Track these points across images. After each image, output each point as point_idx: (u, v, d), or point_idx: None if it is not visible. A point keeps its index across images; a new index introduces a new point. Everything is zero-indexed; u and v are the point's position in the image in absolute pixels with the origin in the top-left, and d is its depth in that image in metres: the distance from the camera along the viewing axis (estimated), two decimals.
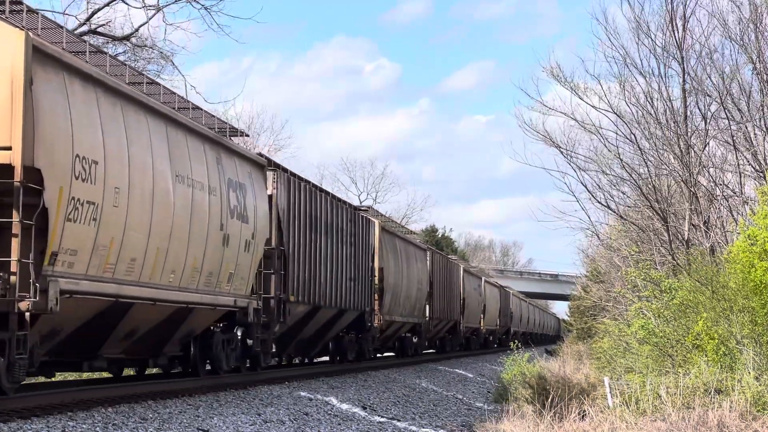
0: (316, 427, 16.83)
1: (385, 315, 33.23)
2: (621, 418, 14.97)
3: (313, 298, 25.26)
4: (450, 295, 48.21)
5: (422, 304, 40.52)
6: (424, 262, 41.56)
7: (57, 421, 13.08)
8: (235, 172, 20.02)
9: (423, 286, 40.56)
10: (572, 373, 30.53)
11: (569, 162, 27.07)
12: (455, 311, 50.00)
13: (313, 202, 25.50)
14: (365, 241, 31.44)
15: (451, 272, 49.52)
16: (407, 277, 37.18)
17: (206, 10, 32.90)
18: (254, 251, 20.84)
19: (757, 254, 17.12)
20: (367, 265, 31.64)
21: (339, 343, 30.32)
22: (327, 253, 26.64)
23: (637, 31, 24.91)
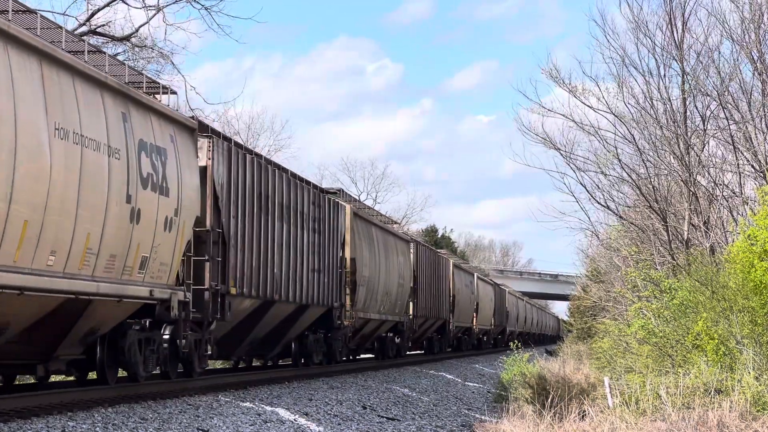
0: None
1: (358, 312, 29.84)
2: (621, 418, 14.97)
3: (263, 291, 21.67)
4: (438, 291, 45.00)
5: (405, 300, 37.24)
6: (407, 254, 38.13)
7: (57, 421, 13.08)
8: (151, 134, 16.36)
9: (406, 281, 37.26)
10: (572, 373, 30.52)
11: (568, 163, 27.12)
12: (444, 309, 46.79)
13: (264, 178, 22.00)
14: (334, 228, 27.64)
15: (440, 267, 46.10)
16: (386, 270, 33.68)
17: (206, 10, 32.92)
18: (179, 232, 17.21)
19: (757, 254, 17.12)
20: (336, 254, 27.92)
21: (303, 343, 26.32)
22: (283, 240, 23.00)
23: (636, 32, 24.94)
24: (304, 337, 26.23)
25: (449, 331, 48.45)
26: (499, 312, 69.55)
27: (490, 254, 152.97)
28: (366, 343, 34.66)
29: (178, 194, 17.15)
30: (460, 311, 51.21)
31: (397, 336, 37.35)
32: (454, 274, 49.35)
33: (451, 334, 49.47)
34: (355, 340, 31.44)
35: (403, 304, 36.73)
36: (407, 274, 37.78)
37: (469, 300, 54.87)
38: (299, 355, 26.45)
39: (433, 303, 43.45)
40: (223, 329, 20.72)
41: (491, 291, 65.69)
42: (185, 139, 17.98)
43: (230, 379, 21.19)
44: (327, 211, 26.98)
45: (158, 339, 17.57)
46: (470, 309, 55.51)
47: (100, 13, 32.41)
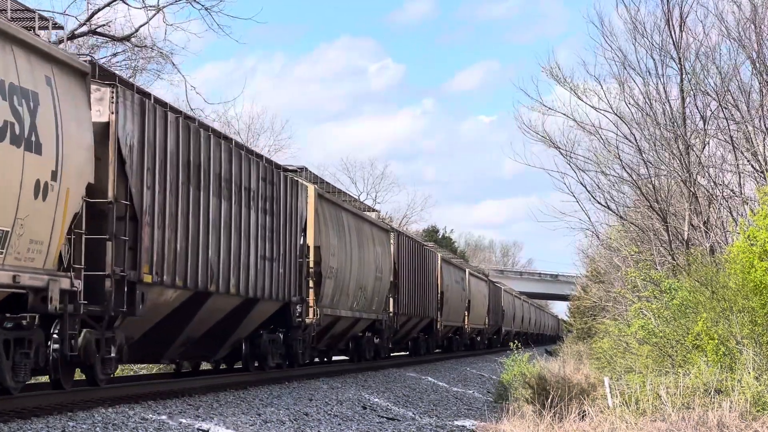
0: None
1: (325, 308, 26.14)
2: (621, 418, 14.97)
3: (193, 280, 17.66)
4: (424, 287, 41.21)
5: (384, 296, 33.48)
6: (385, 245, 34.31)
7: (57, 421, 13.08)
8: (13, 71, 12.70)
9: (384, 274, 33.49)
10: (572, 373, 30.52)
11: (569, 163, 27.14)
12: (431, 307, 42.89)
13: (196, 145, 17.97)
14: (292, 210, 23.62)
15: (426, 261, 42.30)
16: (360, 261, 29.72)
17: (206, 11, 32.93)
18: (59, 201, 13.62)
19: (757, 254, 17.12)
20: (295, 241, 23.86)
21: (256, 344, 22.67)
22: (221, 219, 19.05)
23: (633, 33, 24.94)
24: (257, 337, 22.60)
25: (437, 330, 44.89)
26: (494, 311, 66.50)
27: (490, 254, 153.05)
28: (339, 343, 30.96)
29: (56, 152, 13.46)
30: (450, 309, 47.69)
31: (376, 336, 33.68)
32: (442, 269, 45.91)
33: (440, 333, 45.95)
34: (324, 340, 28.15)
35: (381, 301, 33.18)
36: (386, 267, 34.07)
37: (460, 297, 51.25)
38: (251, 358, 22.77)
39: (418, 300, 40.00)
40: (140, 327, 17.02)
41: (485, 288, 62.08)
42: (71, 84, 14.25)
43: (230, 379, 21.19)
44: (283, 190, 23.04)
45: (35, 339, 13.87)
46: (461, 307, 52.05)
47: (100, 13, 32.43)
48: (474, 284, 56.53)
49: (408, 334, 40.38)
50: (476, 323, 57.69)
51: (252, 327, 22.18)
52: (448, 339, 51.28)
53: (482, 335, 62.14)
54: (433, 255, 44.74)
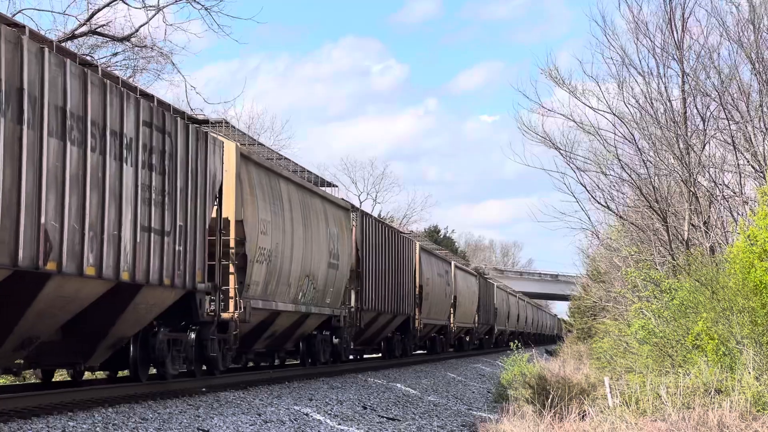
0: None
1: (253, 300, 21.12)
2: (621, 418, 14.97)
3: (11, 254, 12.51)
4: (398, 280, 36.07)
5: (342, 288, 28.50)
6: (343, 227, 28.88)
7: (57, 421, 13.09)
8: None
9: (343, 261, 28.39)
10: (572, 373, 30.51)
11: (569, 163, 27.15)
12: (407, 302, 37.63)
13: (13, 58, 12.56)
14: (200, 172, 18.20)
15: (401, 249, 37.10)
16: (307, 243, 24.72)
17: (206, 11, 32.95)
18: None
19: (757, 254, 17.13)
20: (204, 212, 18.45)
21: (148, 345, 17.96)
22: (68, 171, 13.67)
23: (635, 32, 24.96)
24: (150, 337, 17.94)
25: (415, 329, 39.87)
26: (485, 308, 61.74)
27: (490, 254, 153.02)
28: (284, 343, 25.60)
29: None
30: (431, 306, 42.61)
31: (335, 335, 28.69)
32: (421, 260, 40.69)
33: (418, 332, 40.73)
34: (262, 340, 23.44)
35: (339, 293, 28.15)
36: (345, 253, 28.77)
37: (444, 293, 46.31)
38: (143, 363, 18.09)
39: (390, 294, 34.78)
40: None
41: (474, 284, 57.39)
42: None
43: (230, 379, 21.18)
44: (185, 143, 17.52)
45: None
46: (445, 303, 47.00)
47: (99, 13, 32.46)
48: (461, 279, 52.15)
49: (379, 333, 35.65)
50: (464, 322, 53.25)
51: (141, 323, 17.22)
52: (431, 339, 46.99)
53: (471, 335, 58.31)
54: (411, 243, 39.57)
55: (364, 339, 34.30)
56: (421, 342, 44.56)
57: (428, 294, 41.80)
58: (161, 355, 18.09)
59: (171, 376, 18.46)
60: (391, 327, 36.64)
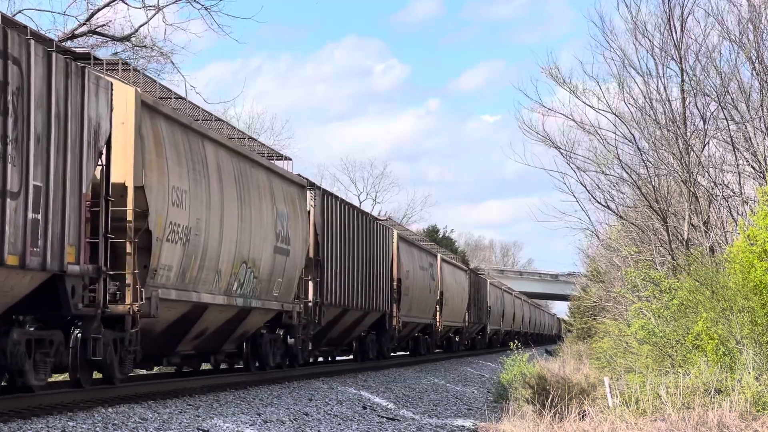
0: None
1: (163, 289, 16.94)
2: (621, 418, 14.97)
3: None
4: (370, 272, 31.80)
5: (295, 278, 24.10)
6: (297, 206, 24.31)
7: (57, 421, 13.09)
8: None
9: (297, 247, 23.95)
10: (572, 373, 30.52)
11: (569, 163, 27.14)
12: (381, 298, 33.27)
13: None
14: (72, 118, 14.13)
15: (375, 238, 32.85)
16: (243, 223, 20.32)
17: (206, 10, 32.96)
18: None
19: (757, 254, 17.13)
20: (76, 171, 14.24)
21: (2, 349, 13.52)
22: None
23: (634, 32, 24.94)
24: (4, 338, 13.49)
25: (392, 327, 35.40)
26: (477, 306, 57.77)
27: (490, 254, 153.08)
28: (221, 344, 21.42)
29: None
30: (413, 302, 38.32)
31: (290, 334, 24.53)
32: (399, 250, 36.36)
33: (396, 332, 36.10)
34: (188, 340, 19.24)
35: (291, 284, 23.92)
36: (299, 237, 24.31)
37: (428, 288, 41.96)
38: None
39: (360, 287, 30.47)
40: None
41: (464, 279, 53.03)
42: None
43: (230, 379, 21.19)
44: (45, 77, 13.46)
45: None
46: (430, 300, 42.67)
47: (99, 13, 32.48)
48: (449, 273, 47.72)
49: (349, 332, 31.34)
50: (452, 320, 48.96)
51: None
52: (414, 339, 42.83)
53: (461, 335, 54.00)
54: (387, 231, 35.19)
55: (331, 339, 30.02)
56: (403, 342, 41.25)
57: (408, 289, 37.49)
58: (16, 361, 13.64)
59: (38, 389, 14.36)
60: (362, 325, 32.18)
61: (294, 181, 24.81)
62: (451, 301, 48.13)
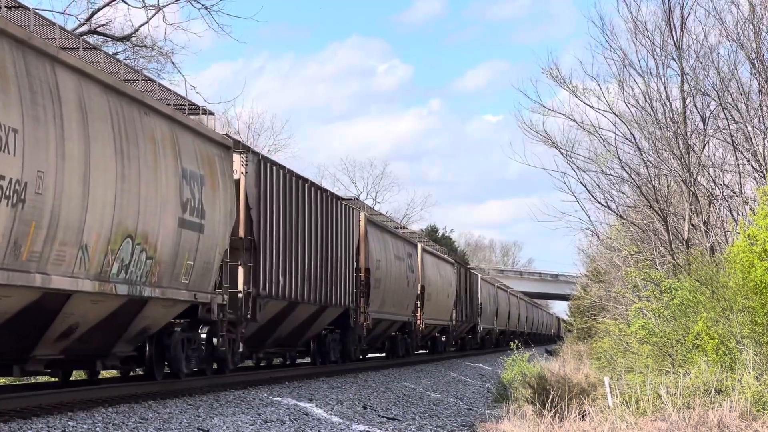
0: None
1: None
2: (621, 418, 14.97)
3: None
4: (328, 259, 26.67)
5: (213, 262, 18.95)
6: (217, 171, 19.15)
7: (57, 421, 13.09)
8: None
9: (214, 223, 18.70)
10: (572, 373, 30.52)
11: (569, 162, 27.15)
12: (343, 290, 28.26)
13: None
14: None
15: (334, 219, 27.51)
16: (125, 184, 15.33)
17: (206, 10, 32.95)
18: None
19: (757, 254, 17.13)
20: None
21: None
22: None
23: (634, 32, 24.95)
24: None
25: (359, 325, 30.26)
26: (467, 303, 52.90)
27: (490, 254, 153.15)
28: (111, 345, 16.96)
29: None
30: (386, 296, 33.47)
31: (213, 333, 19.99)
32: (368, 236, 31.30)
33: (365, 330, 31.05)
34: (48, 342, 14.87)
35: (208, 269, 18.77)
36: (220, 210, 19.14)
37: (406, 281, 36.70)
38: None
39: (314, 277, 25.36)
40: None
41: (451, 273, 48.17)
42: None
43: (231, 378, 21.18)
44: None
45: None
46: (408, 294, 37.35)
47: (99, 13, 32.50)
48: (431, 265, 42.66)
49: (302, 330, 26.04)
50: (436, 318, 43.76)
51: None
52: (391, 339, 37.71)
53: (447, 334, 48.84)
54: (352, 213, 30.00)
55: (279, 339, 25.06)
56: (378, 342, 36.70)
57: (380, 281, 32.31)
58: None
59: None
60: (320, 323, 26.97)
61: (215, 139, 19.41)
62: (435, 297, 43.00)
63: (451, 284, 48.08)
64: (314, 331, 27.36)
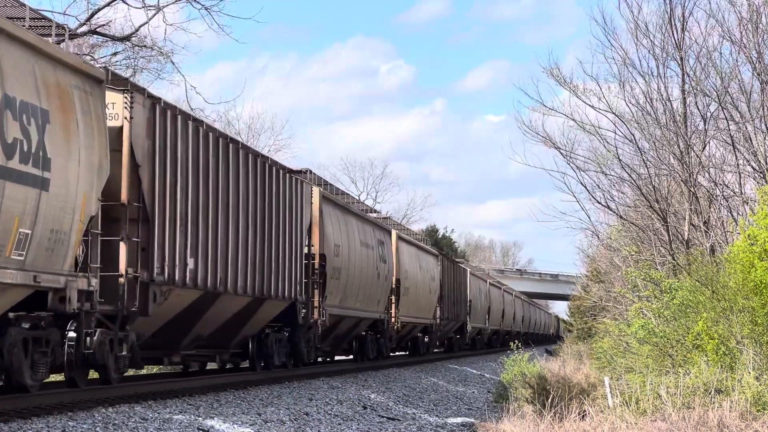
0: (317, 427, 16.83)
1: None
2: (621, 418, 14.97)
3: None
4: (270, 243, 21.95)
5: (64, 232, 13.91)
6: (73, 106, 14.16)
7: (57, 421, 13.09)
8: None
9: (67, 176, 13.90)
10: (572, 373, 30.53)
11: (569, 162, 27.16)
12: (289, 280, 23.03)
13: None
14: None
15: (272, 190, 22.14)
16: None
17: (206, 10, 32.95)
18: None
19: (757, 254, 17.14)
20: None
21: None
22: None
23: (635, 32, 24.96)
24: None
25: (310, 323, 25.04)
26: (453, 300, 47.87)
27: (490, 254, 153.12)
28: None
29: None
30: (349, 290, 28.41)
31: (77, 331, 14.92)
32: (323, 216, 25.91)
33: (320, 329, 25.68)
34: None
35: (60, 242, 13.92)
36: (79, 160, 14.28)
37: (376, 273, 31.57)
38: None
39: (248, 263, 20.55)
40: None
41: (434, 266, 43.19)
42: None
43: (231, 378, 21.18)
44: None
45: None
46: (380, 288, 32.24)
47: (100, 13, 32.51)
48: (409, 256, 37.71)
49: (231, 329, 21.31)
50: (416, 316, 38.62)
51: None
52: (360, 339, 32.28)
53: (431, 334, 43.29)
54: (302, 188, 24.43)
55: (198, 339, 20.22)
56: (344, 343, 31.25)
57: (339, 270, 27.20)
58: None
59: None
60: (259, 319, 22.08)
61: (73, 66, 14.56)
62: (414, 292, 37.88)
63: (434, 278, 42.97)
64: (252, 330, 22.41)
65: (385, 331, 34.06)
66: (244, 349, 22.98)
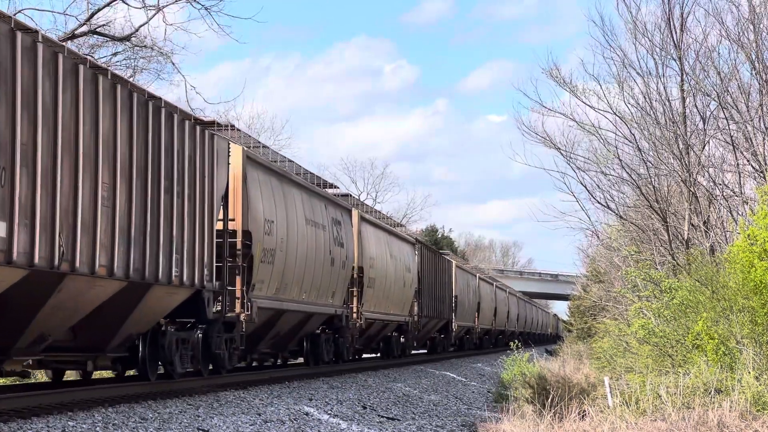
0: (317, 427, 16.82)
1: None
2: (621, 418, 14.98)
3: None
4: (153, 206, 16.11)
5: None
6: None
7: (57, 421, 13.09)
8: None
9: None
10: (572, 373, 30.53)
11: (569, 163, 27.18)
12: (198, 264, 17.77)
13: None
14: None
15: (158, 130, 16.26)
16: None
17: (206, 10, 32.97)
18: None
19: (757, 254, 17.14)
20: None
21: None
22: None
23: (634, 32, 24.96)
24: None
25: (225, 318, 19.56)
26: (435, 295, 42.60)
27: (490, 254, 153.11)
28: None
29: None
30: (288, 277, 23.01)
31: None
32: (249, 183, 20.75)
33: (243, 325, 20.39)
34: None
35: None
36: None
37: (329, 259, 26.25)
38: None
39: (126, 234, 15.24)
40: None
41: (409, 255, 37.59)
42: None
43: (230, 378, 21.16)
44: None
45: None
46: (335, 278, 26.88)
47: (99, 13, 32.52)
48: (377, 241, 32.47)
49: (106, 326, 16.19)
50: (386, 312, 33.30)
51: None
52: (312, 339, 26.39)
53: (407, 333, 37.58)
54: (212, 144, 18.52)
55: (37, 341, 14.67)
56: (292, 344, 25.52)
57: (273, 253, 21.86)
58: None
59: None
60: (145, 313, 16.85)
61: None
62: (383, 284, 32.64)
63: (410, 269, 37.21)
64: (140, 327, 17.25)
65: (344, 328, 28.09)
66: (132, 352, 17.69)
